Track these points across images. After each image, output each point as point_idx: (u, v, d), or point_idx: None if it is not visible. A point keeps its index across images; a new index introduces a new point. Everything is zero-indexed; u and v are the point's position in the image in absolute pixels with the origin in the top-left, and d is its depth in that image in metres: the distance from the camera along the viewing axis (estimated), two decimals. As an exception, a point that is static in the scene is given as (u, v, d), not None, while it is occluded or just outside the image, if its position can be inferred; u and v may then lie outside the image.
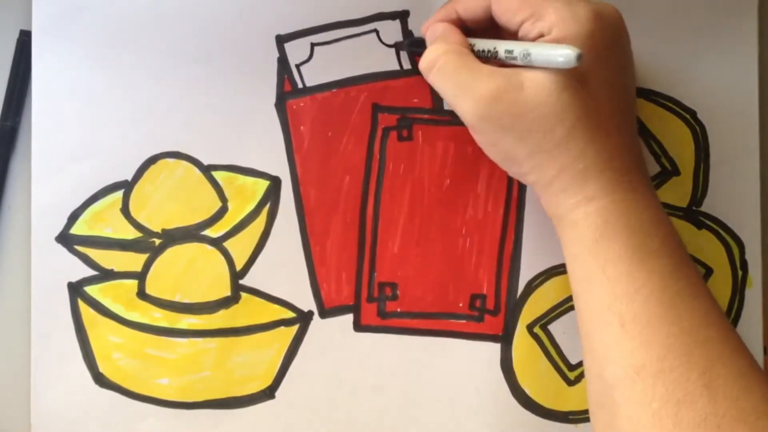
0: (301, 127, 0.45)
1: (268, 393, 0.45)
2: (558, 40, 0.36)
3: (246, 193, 0.45)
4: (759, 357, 0.45)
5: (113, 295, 0.45)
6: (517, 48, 0.37)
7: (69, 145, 0.44)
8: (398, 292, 0.45)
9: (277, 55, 0.45)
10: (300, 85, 0.45)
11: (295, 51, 0.45)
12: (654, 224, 0.37)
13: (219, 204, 0.45)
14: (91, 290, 0.45)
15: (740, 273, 0.46)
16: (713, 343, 0.35)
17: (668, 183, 0.46)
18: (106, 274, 0.45)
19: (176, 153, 0.45)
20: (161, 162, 0.45)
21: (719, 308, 0.37)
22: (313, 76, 0.45)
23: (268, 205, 0.45)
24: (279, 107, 0.45)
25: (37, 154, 0.44)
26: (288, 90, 0.45)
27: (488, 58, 0.39)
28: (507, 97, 0.37)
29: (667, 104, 0.46)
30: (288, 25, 0.45)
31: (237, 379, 0.45)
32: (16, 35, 0.45)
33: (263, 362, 0.45)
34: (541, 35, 0.37)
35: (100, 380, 0.45)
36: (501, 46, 0.38)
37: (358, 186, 0.45)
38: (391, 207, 0.45)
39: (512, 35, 0.39)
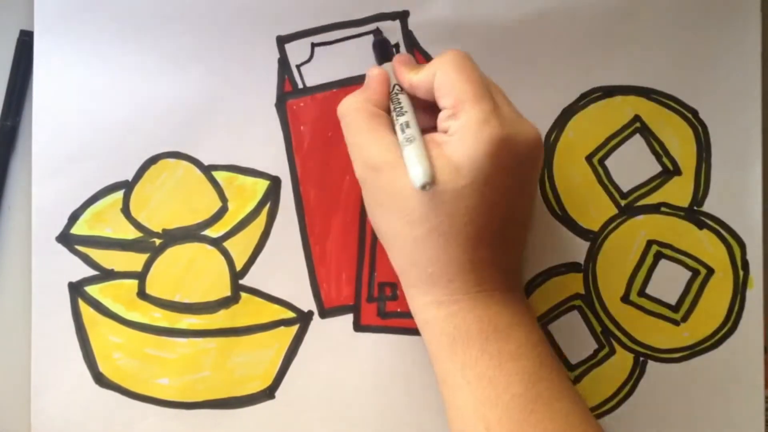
0: (301, 127, 0.45)
1: (268, 393, 0.45)
2: (452, 148, 0.36)
3: (246, 193, 0.45)
4: (760, 357, 0.45)
5: (113, 295, 0.45)
6: (401, 135, 0.38)
7: (69, 145, 0.44)
8: (398, 292, 0.45)
9: (277, 55, 0.45)
10: (300, 85, 0.45)
11: (296, 51, 0.45)
12: (511, 328, 0.37)
13: (219, 204, 0.45)
14: (92, 290, 0.45)
15: (741, 273, 0.46)
16: None
17: (670, 182, 0.46)
18: (106, 274, 0.45)
19: (176, 153, 0.45)
20: (161, 162, 0.45)
21: (583, 405, 0.37)
22: (313, 76, 0.45)
23: (268, 205, 0.45)
24: (279, 107, 0.45)
25: (37, 154, 0.44)
26: (288, 90, 0.45)
27: (394, 113, 0.40)
28: (388, 175, 0.37)
29: (668, 103, 0.46)
30: (288, 26, 0.45)
31: (237, 379, 0.45)
32: (16, 35, 0.45)
33: (263, 362, 0.45)
34: (446, 131, 0.37)
35: (100, 380, 0.45)
36: (399, 120, 0.39)
37: (358, 186, 0.45)
38: (391, 207, 0.45)
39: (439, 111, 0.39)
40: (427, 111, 0.40)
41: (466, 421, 0.37)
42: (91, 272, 0.45)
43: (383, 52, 0.44)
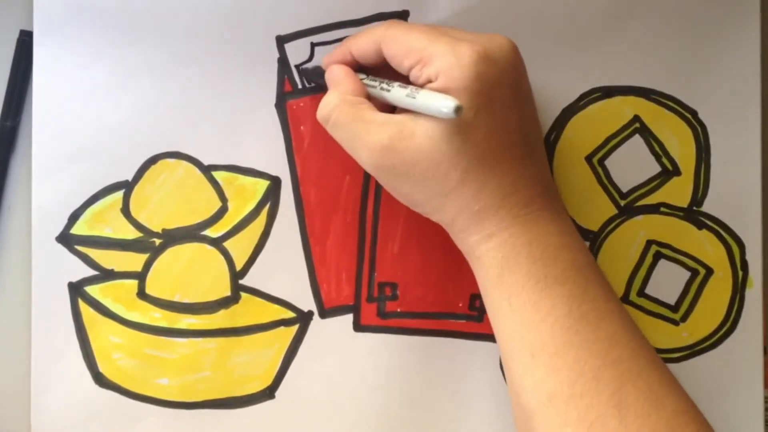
0: (301, 127, 0.45)
1: (268, 393, 0.45)
2: (444, 88, 0.36)
3: (246, 193, 0.45)
4: (759, 357, 0.45)
5: (113, 295, 0.45)
6: (404, 91, 0.38)
7: (69, 145, 0.44)
8: (398, 292, 0.45)
9: (277, 55, 0.45)
10: (300, 85, 0.45)
11: (296, 51, 0.45)
12: (558, 250, 0.38)
13: (219, 204, 0.45)
14: (92, 290, 0.45)
15: (741, 273, 0.46)
16: (623, 363, 0.35)
17: (669, 183, 0.46)
18: (106, 274, 0.45)
19: (176, 153, 0.45)
20: (161, 162, 0.45)
21: (631, 325, 0.37)
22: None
23: (268, 205, 0.45)
24: (279, 107, 0.45)
25: (37, 154, 0.44)
26: (288, 90, 0.45)
27: (380, 99, 0.40)
28: (399, 146, 0.37)
29: (668, 104, 0.46)
30: (288, 26, 0.45)
31: (237, 379, 0.45)
32: (16, 35, 0.45)
33: (263, 362, 0.45)
34: (429, 81, 0.37)
35: (100, 380, 0.45)
36: (393, 90, 0.39)
37: (358, 186, 0.45)
38: (391, 207, 0.45)
39: (404, 78, 0.39)
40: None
41: (513, 350, 0.37)
42: (91, 272, 0.45)
43: (317, 76, 0.44)
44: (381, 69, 0.41)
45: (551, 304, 0.36)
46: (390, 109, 0.40)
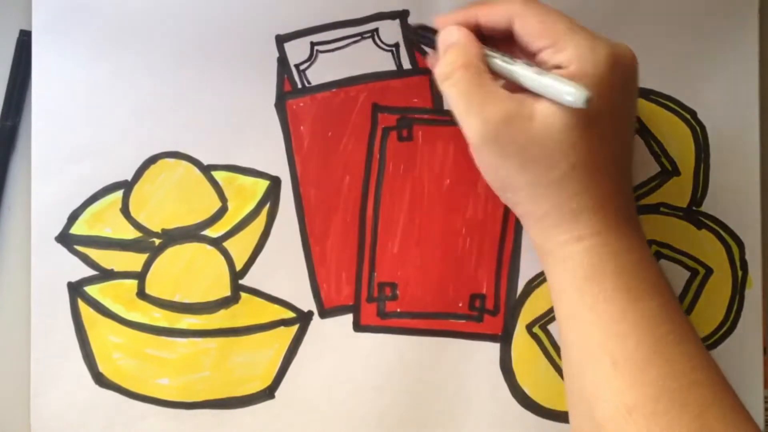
0: (301, 127, 0.45)
1: (268, 393, 0.45)
2: (574, 77, 0.36)
3: (246, 193, 0.45)
4: (759, 357, 0.45)
5: (113, 295, 0.45)
6: (531, 73, 0.36)
7: (69, 145, 0.44)
8: (398, 292, 0.45)
9: (277, 54, 0.45)
10: (300, 85, 0.45)
11: (295, 51, 0.45)
12: (641, 267, 0.37)
13: (219, 204, 0.45)
14: (91, 290, 0.45)
15: (740, 273, 0.46)
16: (705, 387, 0.35)
17: (668, 183, 0.46)
18: (106, 274, 0.45)
19: (176, 153, 0.45)
20: (161, 162, 0.45)
21: (705, 350, 0.37)
22: (313, 75, 0.45)
23: (268, 205, 0.45)
24: (279, 107, 0.45)
25: (37, 154, 0.44)
26: (288, 90, 0.45)
27: (501, 72, 0.38)
28: (515, 125, 0.36)
29: (667, 104, 0.46)
30: (288, 25, 0.45)
31: (237, 379, 0.45)
32: (16, 35, 0.45)
33: (263, 362, 0.45)
34: (558, 67, 0.36)
35: (100, 380, 0.45)
36: (517, 66, 0.37)
37: (358, 186, 0.45)
38: (391, 207, 0.45)
39: (529, 57, 0.38)
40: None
41: (591, 357, 0.36)
42: (90, 272, 0.45)
43: (425, 38, 0.42)
44: (500, 43, 0.39)
45: (636, 319, 0.36)
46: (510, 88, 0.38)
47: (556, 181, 0.37)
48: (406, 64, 0.45)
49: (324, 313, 0.45)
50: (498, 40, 0.39)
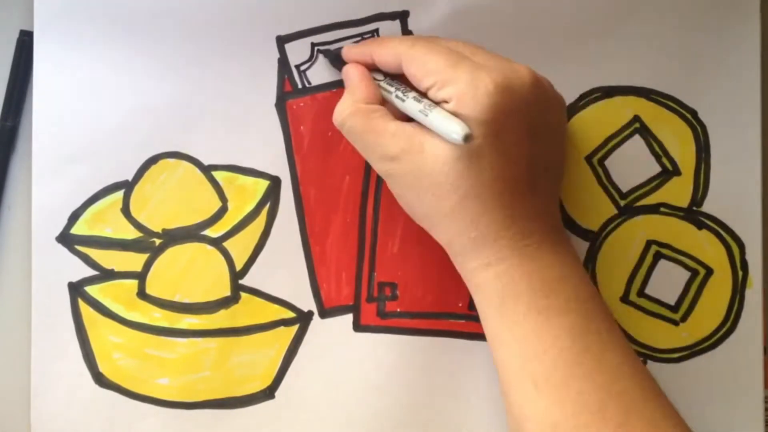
0: (301, 127, 0.45)
1: (268, 393, 0.45)
2: (456, 113, 0.37)
3: (246, 193, 0.45)
4: (759, 357, 0.45)
5: (113, 295, 0.45)
6: (417, 105, 0.38)
7: (69, 145, 0.44)
8: (398, 292, 0.45)
9: (277, 55, 0.45)
10: (300, 86, 0.45)
11: (296, 51, 0.45)
12: (559, 282, 0.38)
13: (219, 204, 0.45)
14: (92, 290, 0.45)
15: (740, 273, 0.46)
16: (628, 395, 0.36)
17: (669, 183, 0.46)
18: (106, 274, 0.45)
19: (176, 153, 0.45)
20: (161, 162, 0.45)
21: (633, 357, 0.38)
22: (313, 76, 0.45)
23: (268, 205, 0.45)
24: (279, 107, 0.45)
25: (37, 154, 0.44)
26: (288, 90, 0.45)
27: (396, 107, 0.40)
28: (408, 158, 0.38)
29: (667, 103, 0.46)
30: (288, 26, 0.45)
31: (237, 379, 0.45)
32: (16, 35, 0.45)
33: (263, 362, 0.45)
34: (445, 102, 0.38)
35: (100, 380, 0.45)
36: (408, 102, 0.39)
37: (358, 186, 0.45)
38: (391, 207, 0.45)
39: (421, 93, 0.40)
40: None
41: (515, 379, 0.37)
42: (91, 272, 0.45)
43: (336, 61, 0.44)
44: (397, 76, 0.41)
45: (555, 336, 0.37)
46: (404, 114, 0.40)
47: (451, 211, 0.38)
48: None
49: (324, 313, 0.45)
50: (397, 76, 0.41)
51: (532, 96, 0.38)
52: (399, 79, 0.41)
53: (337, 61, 0.44)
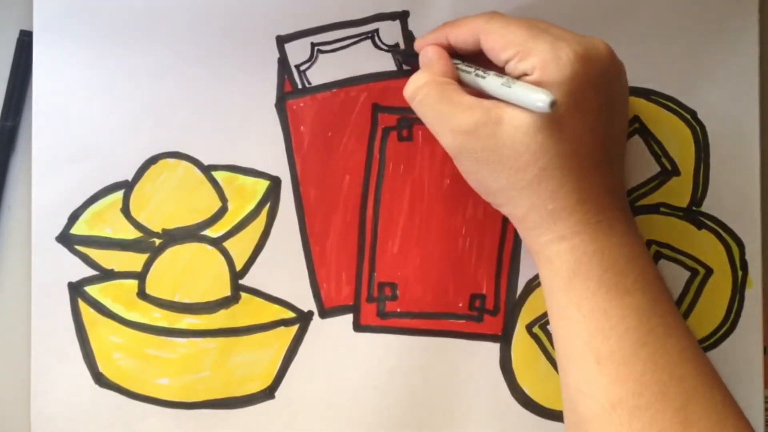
0: (301, 127, 0.45)
1: (268, 393, 0.45)
2: (538, 83, 0.37)
3: (246, 193, 0.45)
4: (759, 357, 0.45)
5: (113, 295, 0.45)
6: (499, 80, 0.38)
7: (69, 145, 0.44)
8: (398, 292, 0.45)
9: (277, 55, 0.45)
10: (300, 86, 0.45)
11: (296, 51, 0.45)
12: (629, 262, 0.38)
13: (219, 204, 0.45)
14: (92, 290, 0.45)
15: (740, 273, 0.46)
16: (688, 380, 0.36)
17: (668, 183, 0.46)
18: (106, 274, 0.45)
19: (176, 153, 0.45)
20: (161, 162, 0.45)
21: (695, 343, 0.38)
22: (313, 76, 0.45)
23: (268, 205, 0.45)
24: (279, 107, 0.45)
25: (37, 154, 0.44)
26: (288, 90, 0.45)
27: (474, 86, 0.40)
28: (484, 131, 0.37)
29: (667, 104, 0.46)
30: (288, 26, 0.45)
31: (237, 379, 0.45)
32: (16, 35, 0.45)
33: (263, 362, 0.45)
34: (525, 74, 0.37)
35: (100, 380, 0.45)
36: (488, 79, 0.39)
37: (358, 186, 0.45)
38: (391, 207, 0.45)
39: (499, 69, 0.39)
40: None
41: (577, 354, 0.37)
42: (91, 272, 0.45)
43: (410, 57, 0.44)
44: (476, 57, 0.41)
45: (621, 314, 0.36)
46: (481, 96, 0.39)
47: (529, 184, 0.37)
48: (407, 65, 0.45)
49: (324, 313, 0.45)
50: (474, 54, 0.41)
51: (610, 69, 0.38)
52: (474, 62, 0.41)
53: (410, 57, 0.44)
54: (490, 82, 0.38)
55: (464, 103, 0.38)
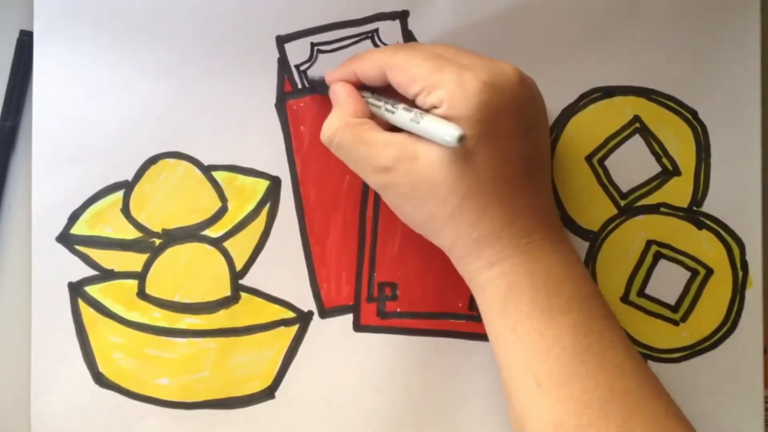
0: (301, 127, 0.45)
1: (268, 393, 0.45)
2: (446, 117, 0.36)
3: (246, 193, 0.45)
4: (759, 357, 0.45)
5: (113, 295, 0.45)
6: (407, 115, 0.38)
7: (69, 145, 0.44)
8: (398, 292, 0.45)
9: (277, 55, 0.45)
10: (300, 86, 0.45)
11: (296, 51, 0.45)
12: (561, 281, 0.38)
13: (219, 204, 0.45)
14: (92, 290, 0.45)
15: (741, 273, 0.46)
16: (630, 394, 0.36)
17: (669, 183, 0.46)
18: (106, 274, 0.45)
19: (176, 153, 0.45)
20: (161, 162, 0.45)
21: (636, 356, 0.38)
22: (313, 76, 0.45)
23: (268, 205, 0.45)
24: (279, 107, 0.45)
25: (37, 154, 0.44)
26: (288, 90, 0.45)
27: (385, 120, 0.40)
28: (401, 168, 0.38)
29: (668, 104, 0.46)
30: (288, 26, 0.45)
31: (237, 379, 0.45)
32: (16, 35, 0.45)
33: (263, 362, 0.45)
34: (434, 107, 0.37)
35: (100, 380, 0.45)
36: (397, 113, 0.39)
37: (358, 186, 0.45)
38: (391, 207, 0.45)
39: (409, 102, 0.39)
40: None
41: (517, 378, 0.37)
42: (91, 272, 0.45)
43: (323, 87, 0.44)
44: (387, 88, 0.41)
45: (557, 335, 0.37)
46: (393, 127, 0.40)
47: (452, 215, 0.38)
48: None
49: (324, 313, 0.45)
50: (382, 89, 0.41)
51: (520, 93, 0.38)
52: (385, 94, 0.41)
53: (323, 87, 0.44)
54: (399, 117, 0.39)
55: (379, 142, 0.38)
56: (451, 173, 0.37)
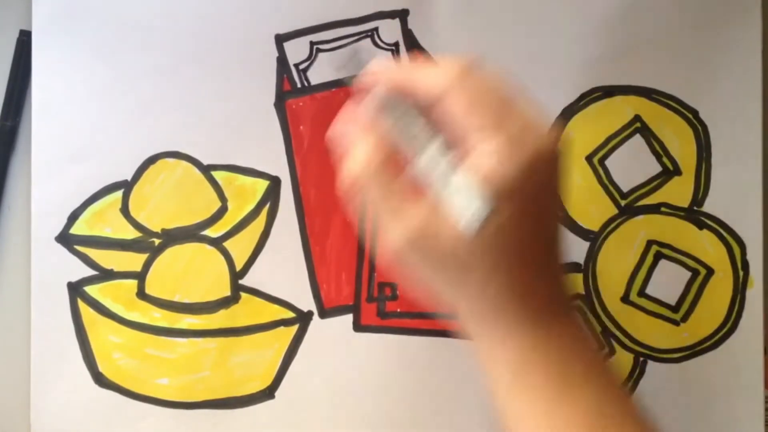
0: (301, 127, 0.45)
1: (268, 393, 0.45)
2: (488, 177, 0.33)
3: (246, 193, 0.45)
4: (759, 357, 0.45)
5: (113, 295, 0.45)
6: (435, 173, 0.34)
7: (69, 145, 0.44)
8: (398, 292, 0.45)
9: (276, 54, 0.45)
10: (299, 85, 0.45)
11: (295, 50, 0.45)
12: (574, 355, 0.37)
13: (219, 204, 0.45)
14: (91, 290, 0.45)
15: (741, 273, 0.46)
16: None
17: (670, 183, 0.46)
18: (106, 274, 0.45)
19: (176, 153, 0.45)
20: (161, 162, 0.45)
21: (651, 424, 0.37)
22: (312, 75, 0.45)
23: (267, 205, 0.45)
24: (279, 107, 0.45)
25: (37, 154, 0.44)
26: (288, 89, 0.45)
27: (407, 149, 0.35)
28: (431, 232, 0.34)
29: (669, 103, 0.46)
30: (287, 25, 0.45)
31: (237, 379, 0.45)
32: (16, 35, 0.45)
33: (263, 362, 0.45)
34: (479, 157, 0.33)
35: (100, 380, 0.45)
36: (429, 146, 0.34)
37: (357, 186, 0.45)
38: (390, 207, 0.45)
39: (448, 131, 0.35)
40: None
41: None
42: (90, 272, 0.45)
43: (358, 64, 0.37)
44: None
45: (572, 410, 0.36)
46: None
47: (478, 283, 0.36)
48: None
49: (324, 313, 0.45)
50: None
51: (555, 171, 0.36)
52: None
53: (356, 66, 0.37)
54: (427, 162, 0.34)
55: (411, 198, 0.35)
56: (482, 243, 0.34)
